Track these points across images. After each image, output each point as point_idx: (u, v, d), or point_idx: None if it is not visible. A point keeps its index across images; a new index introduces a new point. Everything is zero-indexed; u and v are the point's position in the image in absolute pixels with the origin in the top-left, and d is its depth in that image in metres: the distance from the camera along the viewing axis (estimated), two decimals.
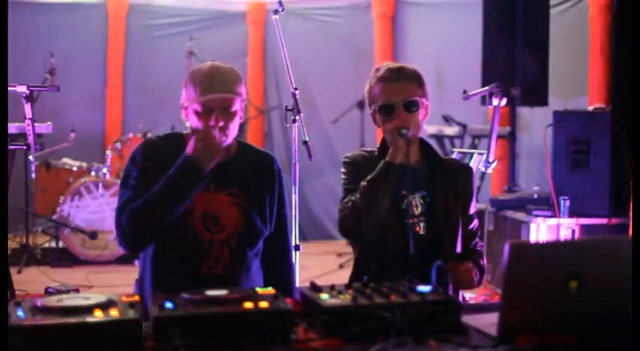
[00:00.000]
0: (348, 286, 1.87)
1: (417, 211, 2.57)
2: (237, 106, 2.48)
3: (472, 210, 2.67)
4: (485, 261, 2.66)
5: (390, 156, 2.50)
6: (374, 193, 2.48)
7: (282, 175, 2.67)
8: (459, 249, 2.60)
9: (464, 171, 2.68)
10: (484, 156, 3.61)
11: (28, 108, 3.32)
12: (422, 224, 2.56)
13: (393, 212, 2.54)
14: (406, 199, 2.54)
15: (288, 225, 2.73)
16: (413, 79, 2.57)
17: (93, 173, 6.34)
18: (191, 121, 2.50)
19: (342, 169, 2.66)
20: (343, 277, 2.78)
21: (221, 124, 2.43)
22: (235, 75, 2.51)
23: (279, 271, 2.67)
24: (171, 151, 2.51)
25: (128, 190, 2.50)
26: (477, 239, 2.69)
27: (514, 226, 4.99)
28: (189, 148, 2.42)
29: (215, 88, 2.43)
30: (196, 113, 2.46)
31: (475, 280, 2.56)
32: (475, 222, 2.68)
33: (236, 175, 2.55)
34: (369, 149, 2.71)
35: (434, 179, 2.60)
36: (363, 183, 2.51)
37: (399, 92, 2.53)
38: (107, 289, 5.13)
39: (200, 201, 2.48)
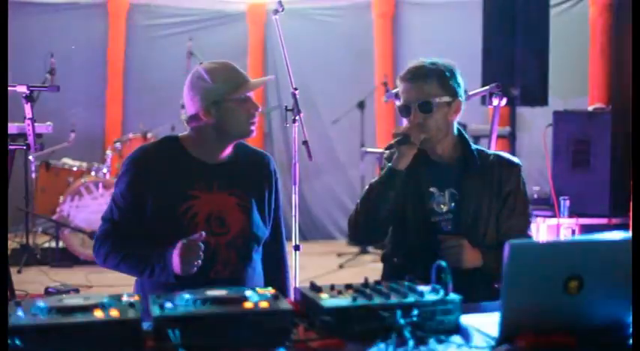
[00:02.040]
0: (348, 286, 1.87)
1: (445, 208, 2.53)
2: None
3: (518, 208, 2.56)
4: None
5: (394, 162, 2.49)
6: (371, 198, 2.49)
7: (277, 176, 2.67)
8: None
9: (507, 167, 2.61)
10: None
11: (28, 108, 3.32)
12: (449, 222, 2.52)
13: (418, 210, 2.53)
14: (433, 196, 2.53)
15: (283, 227, 2.72)
16: (431, 77, 2.52)
17: (93, 173, 6.34)
18: (227, 115, 2.45)
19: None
20: (343, 277, 2.78)
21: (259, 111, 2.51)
22: None
23: (276, 273, 2.67)
24: (166, 156, 2.50)
25: (114, 209, 2.50)
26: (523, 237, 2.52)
27: None
28: (177, 267, 2.32)
29: (249, 79, 2.50)
30: (239, 104, 2.46)
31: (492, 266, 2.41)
32: (522, 220, 2.56)
33: (237, 175, 2.54)
34: None
35: (465, 176, 2.54)
36: (367, 187, 2.51)
37: (414, 93, 2.51)
38: (107, 289, 5.12)
39: (204, 202, 2.46)
